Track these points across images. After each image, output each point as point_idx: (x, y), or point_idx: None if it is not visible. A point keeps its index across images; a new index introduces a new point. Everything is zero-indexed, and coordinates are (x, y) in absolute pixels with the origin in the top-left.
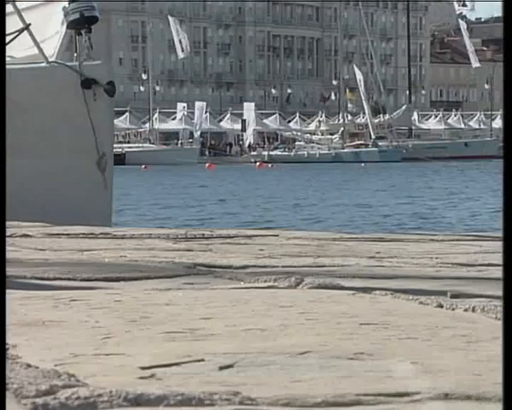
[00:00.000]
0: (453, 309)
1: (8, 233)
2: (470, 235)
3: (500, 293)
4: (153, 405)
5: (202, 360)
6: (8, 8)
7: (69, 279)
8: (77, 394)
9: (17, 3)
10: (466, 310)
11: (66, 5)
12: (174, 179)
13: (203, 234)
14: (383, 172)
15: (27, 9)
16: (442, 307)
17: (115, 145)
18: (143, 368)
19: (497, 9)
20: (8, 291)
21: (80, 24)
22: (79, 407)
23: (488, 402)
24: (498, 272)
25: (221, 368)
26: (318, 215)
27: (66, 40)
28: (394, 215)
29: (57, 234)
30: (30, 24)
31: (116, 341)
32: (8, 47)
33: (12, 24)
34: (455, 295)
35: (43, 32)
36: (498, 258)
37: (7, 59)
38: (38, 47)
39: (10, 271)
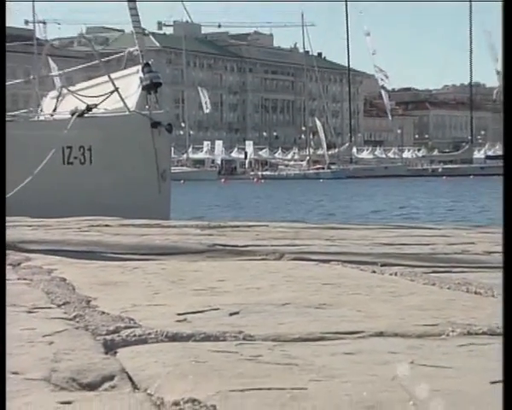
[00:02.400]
0: (382, 274)
1: (95, 224)
2: (390, 225)
3: (412, 263)
4: (184, 340)
5: (218, 308)
6: (105, 78)
7: (132, 254)
8: (134, 332)
9: (111, 74)
10: (391, 274)
11: (142, 75)
12: (206, 189)
13: (219, 224)
14: (333, 185)
15: (117, 78)
16: (375, 272)
17: None
18: (179, 314)
19: (405, 82)
20: (92, 262)
21: (151, 87)
22: (135, 341)
23: (409, 338)
24: (410, 249)
25: (230, 314)
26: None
27: (141, 97)
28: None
29: (127, 224)
30: (118, 87)
31: (162, 295)
32: (104, 102)
33: (107, 87)
34: (383, 265)
35: (126, 92)
36: (409, 240)
37: (102, 110)
38: (123, 102)
39: (95, 248)
